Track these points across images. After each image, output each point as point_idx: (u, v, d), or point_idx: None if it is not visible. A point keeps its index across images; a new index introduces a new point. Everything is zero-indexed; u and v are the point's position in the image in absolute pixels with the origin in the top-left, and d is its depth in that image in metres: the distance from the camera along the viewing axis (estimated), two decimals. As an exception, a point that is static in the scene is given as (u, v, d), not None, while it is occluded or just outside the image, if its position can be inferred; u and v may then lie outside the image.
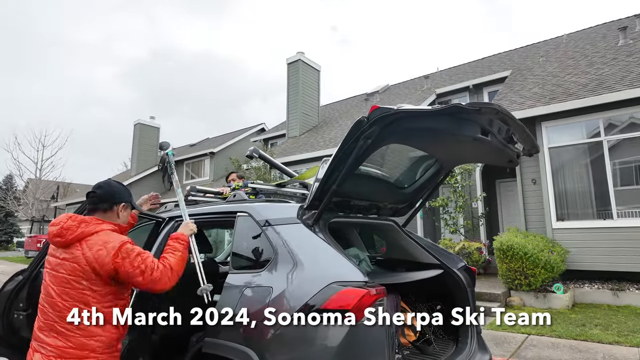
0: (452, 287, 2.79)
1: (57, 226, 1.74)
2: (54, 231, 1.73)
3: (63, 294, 1.66)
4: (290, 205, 2.44)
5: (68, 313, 1.64)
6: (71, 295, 1.66)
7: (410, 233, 3.07)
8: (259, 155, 3.09)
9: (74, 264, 1.67)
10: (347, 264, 1.93)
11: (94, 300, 1.68)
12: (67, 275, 1.67)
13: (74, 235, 1.69)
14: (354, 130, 1.96)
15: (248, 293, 2.10)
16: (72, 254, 1.68)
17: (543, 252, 6.51)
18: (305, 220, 2.25)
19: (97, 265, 1.66)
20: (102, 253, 1.67)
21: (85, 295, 1.67)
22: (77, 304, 1.66)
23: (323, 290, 1.83)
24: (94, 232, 1.73)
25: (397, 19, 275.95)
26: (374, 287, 1.81)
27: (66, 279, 1.67)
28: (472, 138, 1.92)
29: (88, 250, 1.67)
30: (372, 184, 2.70)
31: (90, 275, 1.67)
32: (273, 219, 2.32)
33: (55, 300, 1.67)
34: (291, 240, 2.15)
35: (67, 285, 1.66)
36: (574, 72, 9.35)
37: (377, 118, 1.88)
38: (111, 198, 1.89)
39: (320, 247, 2.08)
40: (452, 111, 1.74)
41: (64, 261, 1.69)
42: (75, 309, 1.64)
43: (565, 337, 4.84)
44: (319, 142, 12.44)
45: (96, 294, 1.69)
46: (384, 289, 1.84)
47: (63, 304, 1.65)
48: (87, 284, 1.67)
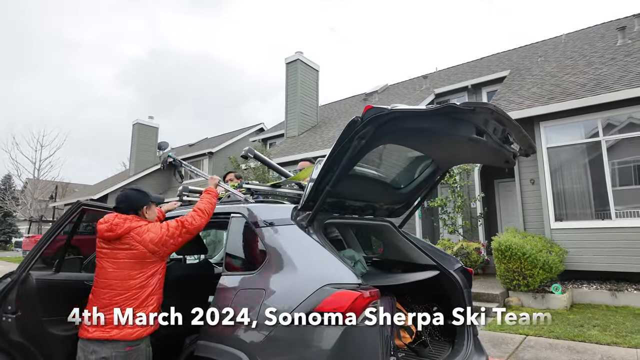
0: (448, 288, 2.77)
1: (106, 224, 2.11)
2: (104, 228, 2.10)
3: (130, 271, 2.07)
4: (284, 206, 2.41)
5: (136, 285, 2.07)
6: (139, 270, 2.09)
7: (407, 234, 3.05)
8: (254, 156, 3.06)
9: (131, 251, 2.08)
10: (341, 265, 1.91)
11: (152, 271, 2.12)
12: (127, 259, 2.08)
13: (123, 229, 2.09)
14: (347, 130, 1.94)
15: (241, 295, 2.07)
16: (127, 243, 2.09)
17: (541, 252, 6.49)
18: (299, 221, 2.23)
19: (154, 246, 2.11)
20: (152, 236, 2.12)
21: (144, 272, 2.10)
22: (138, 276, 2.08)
23: (316, 292, 1.80)
24: (137, 227, 2.13)
25: (396, 19, 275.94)
26: (368, 289, 1.78)
27: (127, 262, 2.08)
28: (467, 138, 1.89)
29: (140, 238, 2.10)
30: (368, 185, 2.68)
31: (145, 255, 2.10)
32: (266, 219, 2.29)
33: (119, 279, 2.06)
34: (284, 241, 2.13)
35: (129, 266, 2.08)
36: (572, 72, 9.34)
37: (371, 118, 1.85)
38: (132, 208, 2.25)
39: (313, 248, 2.05)
40: (447, 111, 1.71)
41: (121, 250, 2.09)
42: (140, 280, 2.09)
43: (563, 337, 4.82)
44: (318, 142, 12.42)
45: (152, 265, 2.13)
46: (378, 291, 1.81)
47: (128, 280, 2.06)
48: (144, 263, 2.10)
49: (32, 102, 69.18)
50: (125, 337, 2.01)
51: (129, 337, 2.02)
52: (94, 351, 2.00)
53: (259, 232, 2.25)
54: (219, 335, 2.04)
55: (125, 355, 2.02)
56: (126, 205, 2.23)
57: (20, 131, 51.82)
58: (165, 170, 20.94)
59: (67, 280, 2.40)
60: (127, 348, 2.03)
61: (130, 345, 2.03)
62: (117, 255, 2.09)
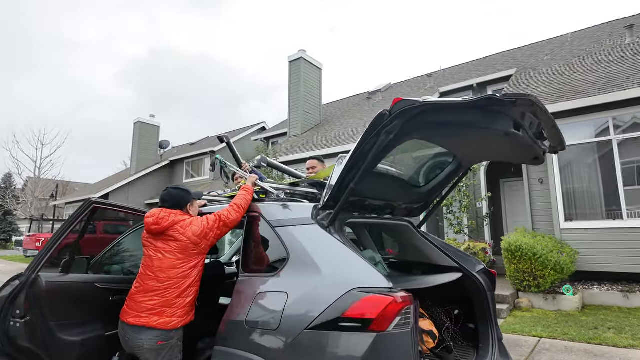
0: (471, 291, 2.66)
1: (153, 217, 2.24)
2: (151, 221, 2.23)
3: (174, 260, 2.17)
4: (303, 205, 2.30)
5: (178, 274, 2.15)
6: (182, 260, 2.18)
7: (426, 234, 2.94)
8: (268, 164, 2.98)
9: (176, 242, 2.19)
10: (369, 268, 1.80)
11: (194, 262, 2.21)
12: (171, 250, 2.18)
13: (168, 222, 2.22)
14: (374, 125, 1.83)
15: (261, 298, 1.96)
16: (171, 236, 2.20)
17: (552, 253, 6.38)
18: (320, 220, 2.12)
19: (196, 238, 2.21)
20: (195, 229, 2.23)
21: (186, 262, 2.18)
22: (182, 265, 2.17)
23: (343, 297, 1.69)
24: (181, 221, 2.26)
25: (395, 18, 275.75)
26: (400, 294, 1.67)
27: (173, 253, 2.18)
28: (504, 133, 1.78)
29: (184, 230, 2.21)
30: (388, 183, 2.57)
31: (189, 246, 2.20)
32: (285, 219, 2.19)
33: (162, 267, 2.15)
34: (306, 241, 2.01)
35: (173, 257, 2.17)
36: (581, 71, 9.22)
37: (400, 111, 1.74)
38: (178, 205, 2.36)
39: (337, 249, 1.94)
40: (485, 103, 1.60)
41: (167, 241, 2.20)
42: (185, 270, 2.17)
43: (579, 340, 4.71)
44: (321, 141, 12.30)
45: (194, 257, 2.22)
46: (411, 296, 1.70)
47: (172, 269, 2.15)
48: (187, 254, 2.19)
49: (32, 101, 69.08)
50: (161, 326, 2.06)
51: (166, 326, 2.07)
52: (130, 336, 2.08)
53: (278, 232, 2.14)
54: (237, 341, 1.93)
55: (157, 349, 2.05)
56: (171, 204, 2.35)
57: (21, 130, 51.65)
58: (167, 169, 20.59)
59: (77, 282, 2.28)
60: (159, 342, 2.05)
61: (162, 339, 2.06)
62: (162, 245, 2.20)
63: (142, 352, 2.05)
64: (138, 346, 2.06)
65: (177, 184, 2.61)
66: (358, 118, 13.69)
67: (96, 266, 2.83)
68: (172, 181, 22.01)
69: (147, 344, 2.04)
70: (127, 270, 3.08)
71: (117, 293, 2.36)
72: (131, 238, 2.99)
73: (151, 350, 2.04)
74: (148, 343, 2.04)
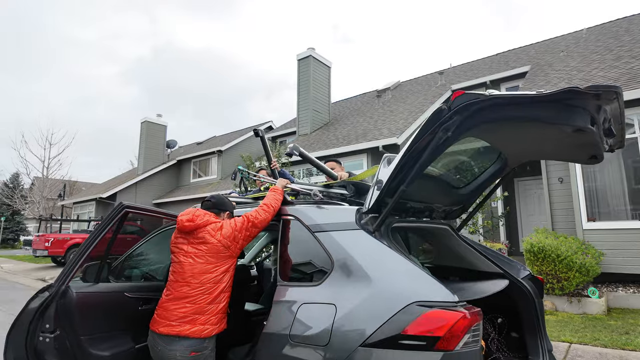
0: (517, 298, 2.49)
1: (188, 215, 2.22)
2: (185, 218, 2.20)
3: (206, 264, 2.11)
4: (344, 208, 2.14)
5: (210, 280, 2.08)
6: (213, 264, 2.12)
7: (466, 238, 2.77)
8: (300, 154, 2.80)
9: (206, 245, 2.14)
10: (428, 279, 1.64)
11: (225, 267, 2.15)
12: (202, 254, 2.13)
13: (202, 221, 2.19)
14: (431, 121, 1.67)
15: (305, 311, 1.80)
16: (202, 237, 2.16)
17: (577, 254, 6.18)
18: (364, 225, 1.96)
19: (227, 241, 2.15)
20: (225, 231, 2.18)
21: (218, 267, 2.13)
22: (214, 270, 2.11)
23: (402, 311, 1.53)
24: (213, 222, 2.23)
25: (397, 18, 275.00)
26: (468, 308, 1.51)
27: (204, 257, 2.12)
28: (576, 129, 1.61)
29: (214, 233, 2.17)
30: (428, 183, 2.41)
31: (219, 250, 2.14)
32: (326, 223, 2.03)
33: (194, 272, 2.09)
34: (352, 248, 1.86)
35: (204, 261, 2.12)
36: (600, 67, 8.99)
37: (462, 106, 1.58)
38: (219, 207, 2.38)
39: (389, 257, 1.78)
40: (564, 97, 1.44)
41: (197, 244, 2.15)
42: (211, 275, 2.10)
43: (611, 346, 4.52)
44: (332, 140, 12.13)
45: (225, 261, 2.15)
46: (480, 311, 1.54)
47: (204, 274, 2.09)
48: (218, 257, 2.13)
49: (37, 101, 69.34)
50: (194, 334, 1.98)
51: (199, 335, 1.99)
52: (161, 347, 2.00)
53: (318, 238, 1.99)
54: (280, 356, 1.78)
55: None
56: (216, 202, 2.38)
57: (29, 129, 51.85)
58: (174, 169, 20.49)
59: (107, 292, 2.14)
60: (191, 353, 1.96)
61: (196, 349, 1.98)
62: (193, 250, 2.15)
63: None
64: (170, 357, 1.95)
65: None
66: (369, 117, 13.50)
67: (116, 271, 2.70)
68: (179, 181, 21.93)
69: (179, 355, 1.94)
70: (148, 275, 2.95)
71: (146, 302, 2.22)
72: (153, 242, 2.85)
73: (183, 359, 1.94)
74: (181, 354, 1.94)
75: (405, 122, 10.64)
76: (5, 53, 61.98)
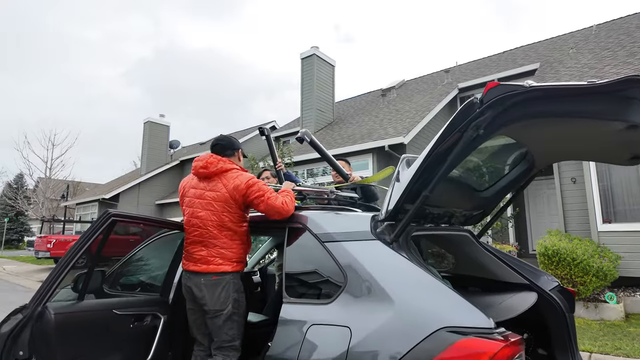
0: (546, 313, 2.27)
1: (202, 161, 2.26)
2: (199, 165, 2.25)
3: (209, 213, 2.17)
4: (358, 215, 1.93)
5: (212, 229, 2.16)
6: (215, 214, 2.17)
7: (487, 245, 2.55)
8: (311, 141, 2.59)
9: (217, 192, 2.18)
10: (459, 300, 1.42)
11: (229, 220, 2.18)
12: (211, 200, 2.18)
13: (216, 168, 2.21)
14: (461, 117, 1.45)
15: (315, 333, 1.59)
16: (214, 185, 2.20)
17: (593, 258, 5.94)
18: (380, 235, 1.74)
19: (235, 193, 2.16)
20: (237, 182, 2.18)
21: (224, 216, 2.18)
22: (218, 222, 2.17)
23: (429, 339, 1.32)
24: (229, 169, 2.24)
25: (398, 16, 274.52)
26: (508, 336, 1.29)
27: (211, 203, 2.18)
28: (631, 125, 1.39)
29: (227, 181, 2.19)
30: (450, 186, 2.19)
31: (228, 201, 2.17)
32: (338, 232, 1.82)
33: (203, 219, 2.17)
34: (367, 262, 1.64)
35: (211, 208, 2.18)
36: (613, 63, 8.72)
37: (496, 99, 1.36)
38: (232, 145, 2.40)
39: (411, 272, 1.57)
40: (620, 87, 1.22)
41: (209, 191, 2.20)
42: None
43: (634, 356, 4.28)
44: (337, 140, 11.91)
45: (231, 215, 2.19)
46: (522, 339, 1.32)
47: (209, 222, 2.17)
48: (226, 208, 2.17)
49: (39, 101, 69.52)
50: (212, 270, 2.12)
51: (217, 270, 2.12)
52: (186, 280, 2.18)
53: (329, 249, 1.78)
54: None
55: (214, 283, 2.10)
56: (227, 142, 2.37)
57: (31, 130, 51.89)
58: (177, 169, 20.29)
59: (93, 310, 1.93)
60: (214, 277, 2.11)
61: (217, 274, 2.12)
62: (207, 196, 2.19)
63: (200, 287, 2.10)
64: (195, 284, 2.13)
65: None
66: (374, 116, 13.28)
67: (110, 280, 2.50)
68: (182, 181, 21.79)
69: (203, 280, 2.11)
70: (146, 284, 2.75)
71: (138, 319, 2.02)
72: (152, 247, 2.65)
73: (207, 284, 2.10)
74: (205, 279, 2.11)
75: (411, 121, 10.41)
76: (5, 53, 62.16)
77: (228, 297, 2.11)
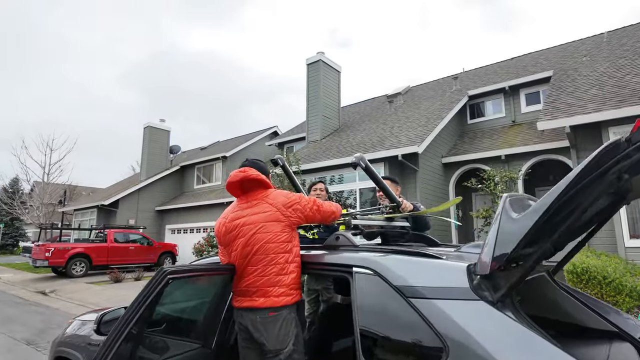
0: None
1: (242, 171, 2.17)
2: (240, 173, 2.15)
3: (262, 236, 2.03)
4: (445, 264, 1.63)
5: (270, 253, 2.01)
6: (269, 235, 2.04)
7: (564, 284, 2.27)
8: (366, 166, 2.40)
9: (266, 213, 2.07)
10: None
11: (284, 240, 2.05)
12: (263, 222, 2.05)
13: (256, 174, 2.14)
14: (602, 159, 1.18)
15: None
16: (260, 207, 2.09)
17: (626, 276, 5.68)
18: (480, 292, 1.46)
19: (283, 208, 2.09)
20: (282, 198, 2.12)
21: (278, 236, 2.04)
22: (274, 245, 2.03)
23: None
24: (269, 188, 2.19)
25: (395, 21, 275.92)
26: None
27: (264, 226, 2.04)
28: None
29: (272, 200, 2.10)
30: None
31: (280, 218, 2.06)
32: (425, 286, 1.53)
33: (257, 245, 2.02)
34: (476, 331, 1.35)
35: (264, 230, 2.04)
36: (633, 72, 8.52)
37: None
38: (265, 172, 2.28)
39: (533, 344, 1.28)
40: None
41: (256, 214, 2.08)
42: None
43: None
44: (346, 147, 11.63)
45: (285, 234, 2.06)
46: None
47: (265, 246, 2.02)
48: (278, 226, 2.06)
49: (38, 102, 68.93)
50: (267, 305, 1.96)
51: (274, 304, 1.96)
52: (239, 318, 2.03)
53: (418, 307, 1.48)
54: None
55: (271, 321, 1.95)
56: (259, 167, 2.28)
57: (29, 134, 51.29)
58: (177, 175, 20.05)
59: None
60: (270, 313, 1.95)
61: (274, 310, 1.96)
62: (255, 220, 2.07)
63: (257, 325, 1.94)
64: (251, 322, 1.97)
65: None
66: (382, 123, 13.02)
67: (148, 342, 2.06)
68: (182, 187, 21.44)
69: (259, 318, 1.95)
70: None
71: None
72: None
73: (264, 322, 1.93)
74: (261, 317, 1.95)
75: (424, 129, 10.16)
76: (5, 53, 61.63)
77: (288, 334, 1.95)
